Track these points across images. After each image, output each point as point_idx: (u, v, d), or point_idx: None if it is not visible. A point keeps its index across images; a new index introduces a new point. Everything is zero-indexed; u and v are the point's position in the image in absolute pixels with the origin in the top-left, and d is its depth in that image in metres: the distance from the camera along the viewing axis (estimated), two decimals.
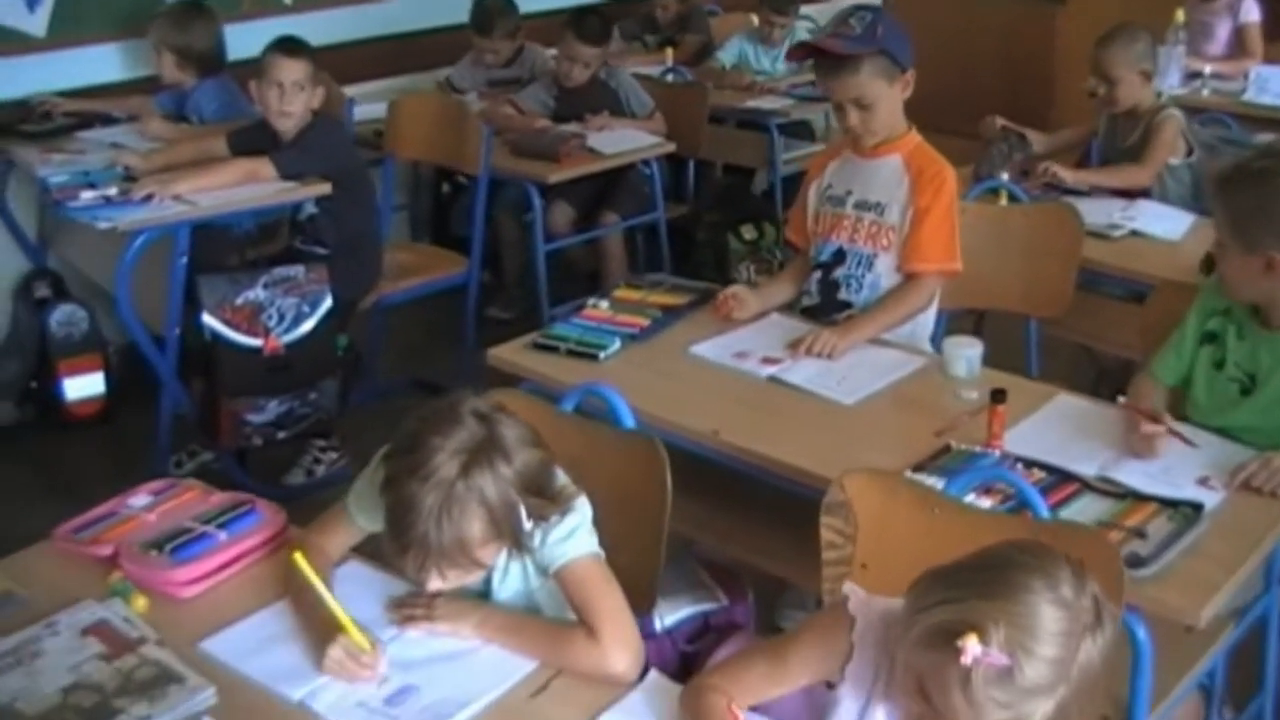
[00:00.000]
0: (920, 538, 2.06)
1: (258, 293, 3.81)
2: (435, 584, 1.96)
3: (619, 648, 1.91)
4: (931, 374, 2.88)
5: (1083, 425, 2.62)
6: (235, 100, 4.60)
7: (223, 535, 2.23)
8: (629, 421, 2.41)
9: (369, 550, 2.22)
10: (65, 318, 4.60)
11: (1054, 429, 2.60)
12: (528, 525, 1.97)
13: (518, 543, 1.97)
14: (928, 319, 3.16)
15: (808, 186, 3.29)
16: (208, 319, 3.76)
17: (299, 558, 1.96)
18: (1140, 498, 2.30)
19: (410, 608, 2.03)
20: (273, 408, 3.89)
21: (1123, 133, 4.29)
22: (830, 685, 1.79)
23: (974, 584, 1.56)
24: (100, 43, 4.97)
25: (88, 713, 1.86)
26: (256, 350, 3.82)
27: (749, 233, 5.32)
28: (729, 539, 2.80)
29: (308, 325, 3.87)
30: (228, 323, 3.78)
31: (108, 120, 4.76)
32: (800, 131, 5.94)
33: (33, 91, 4.80)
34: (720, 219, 5.39)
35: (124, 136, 4.58)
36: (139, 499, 2.40)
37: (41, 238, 4.90)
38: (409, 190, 5.75)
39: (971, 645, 1.47)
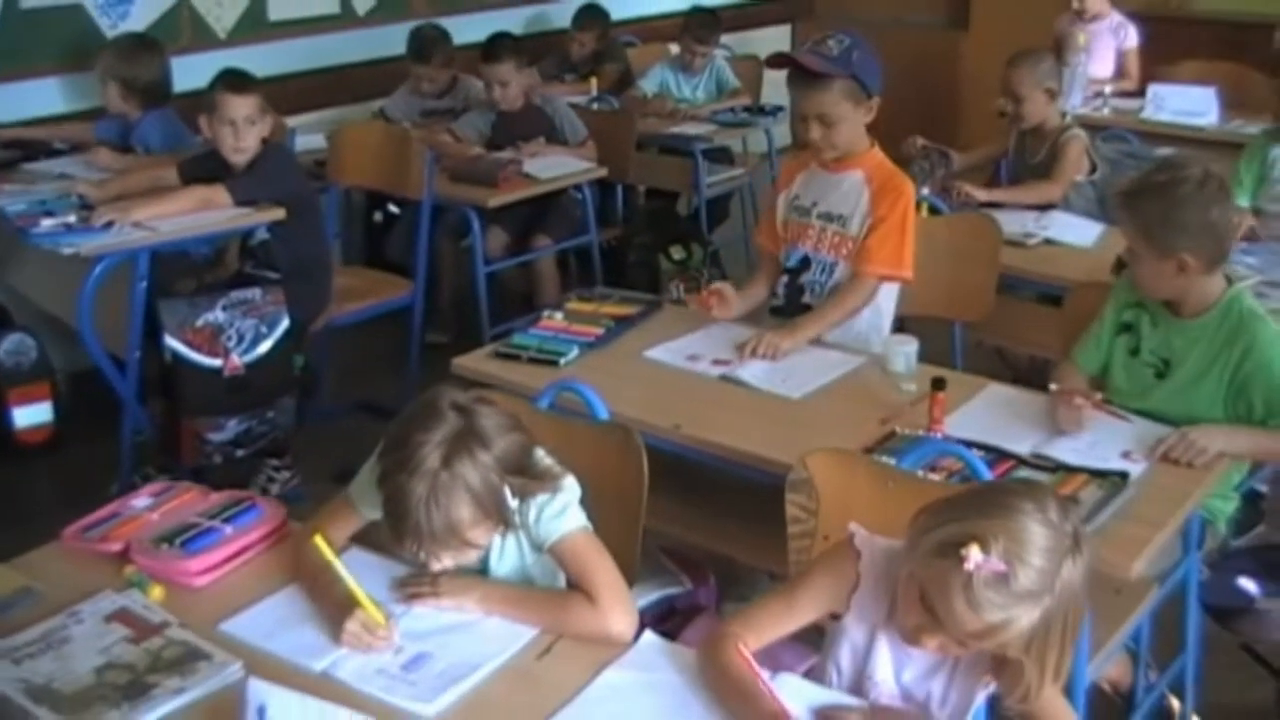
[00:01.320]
0: (877, 510, 2.23)
1: (217, 315, 3.94)
2: (435, 566, 2.13)
3: (617, 611, 2.09)
4: (871, 370, 3.09)
5: (1013, 411, 2.85)
6: (180, 131, 4.73)
7: (228, 529, 2.37)
8: (603, 413, 2.60)
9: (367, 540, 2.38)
10: (14, 346, 4.66)
11: (988, 415, 2.82)
12: (514, 504, 2.14)
13: (506, 521, 2.14)
14: (883, 323, 3.37)
15: (776, 195, 3.52)
16: (169, 340, 3.89)
17: (319, 540, 2.12)
18: (1071, 470, 2.53)
19: (415, 586, 2.19)
20: (232, 426, 4.02)
21: (1031, 150, 4.58)
22: (836, 617, 2.00)
23: (974, 506, 1.81)
24: (43, 76, 5.07)
25: (124, 689, 1.99)
26: (217, 370, 3.95)
27: (678, 253, 5.55)
28: (691, 528, 2.97)
29: (266, 345, 4.01)
30: (189, 344, 3.91)
31: (51, 152, 4.85)
32: (721, 157, 6.19)
33: None
34: (650, 241, 5.61)
35: (71, 167, 4.66)
36: (141, 500, 2.52)
37: None
38: (341, 218, 5.88)
39: (974, 553, 1.70)
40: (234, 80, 4.22)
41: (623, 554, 2.43)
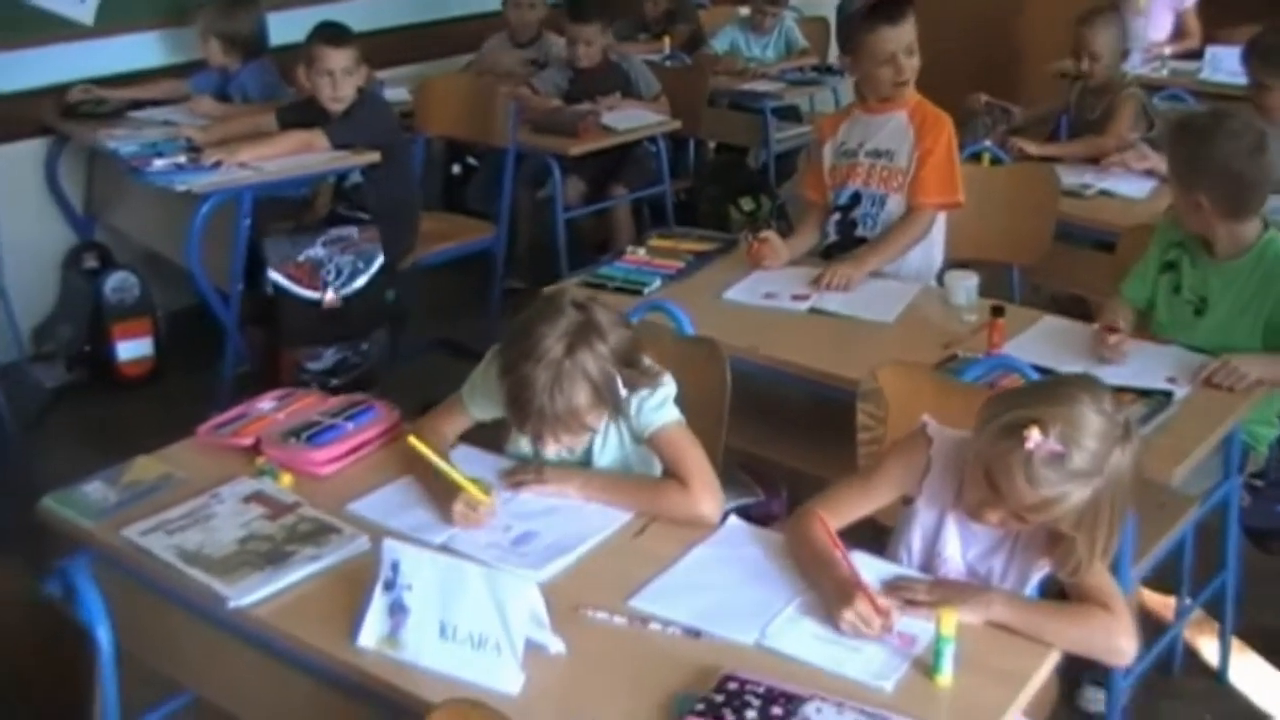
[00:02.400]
0: (940, 419, 2.41)
1: (317, 250, 4.21)
2: (552, 449, 2.37)
3: (707, 495, 2.33)
4: (932, 301, 3.31)
5: (1067, 340, 3.05)
6: (276, 81, 4.99)
7: (349, 425, 2.62)
8: (689, 329, 2.83)
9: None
10: (119, 284, 4.94)
11: (1042, 343, 3.02)
12: (623, 393, 2.37)
13: (617, 407, 2.37)
14: (935, 255, 3.60)
15: (820, 147, 3.73)
16: (272, 274, 4.16)
17: (413, 440, 2.36)
18: (1119, 390, 2.71)
19: (521, 475, 2.43)
20: (329, 355, 4.29)
21: (1090, 106, 4.75)
22: (907, 501, 2.22)
23: (1036, 394, 2.05)
24: (143, 30, 5.33)
25: (265, 555, 2.24)
26: (316, 303, 4.22)
27: (747, 204, 5.77)
28: (763, 444, 3.17)
29: (362, 280, 4.29)
30: (290, 277, 4.18)
31: (155, 102, 5.11)
32: (788, 114, 6.39)
33: (81, 76, 5.13)
34: (720, 192, 5.82)
35: (175, 114, 4.94)
36: (265, 403, 2.78)
37: (89, 212, 5.26)
38: (421, 169, 6.11)
39: (1034, 435, 1.91)
40: (332, 33, 4.47)
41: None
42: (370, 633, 2.00)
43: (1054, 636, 1.97)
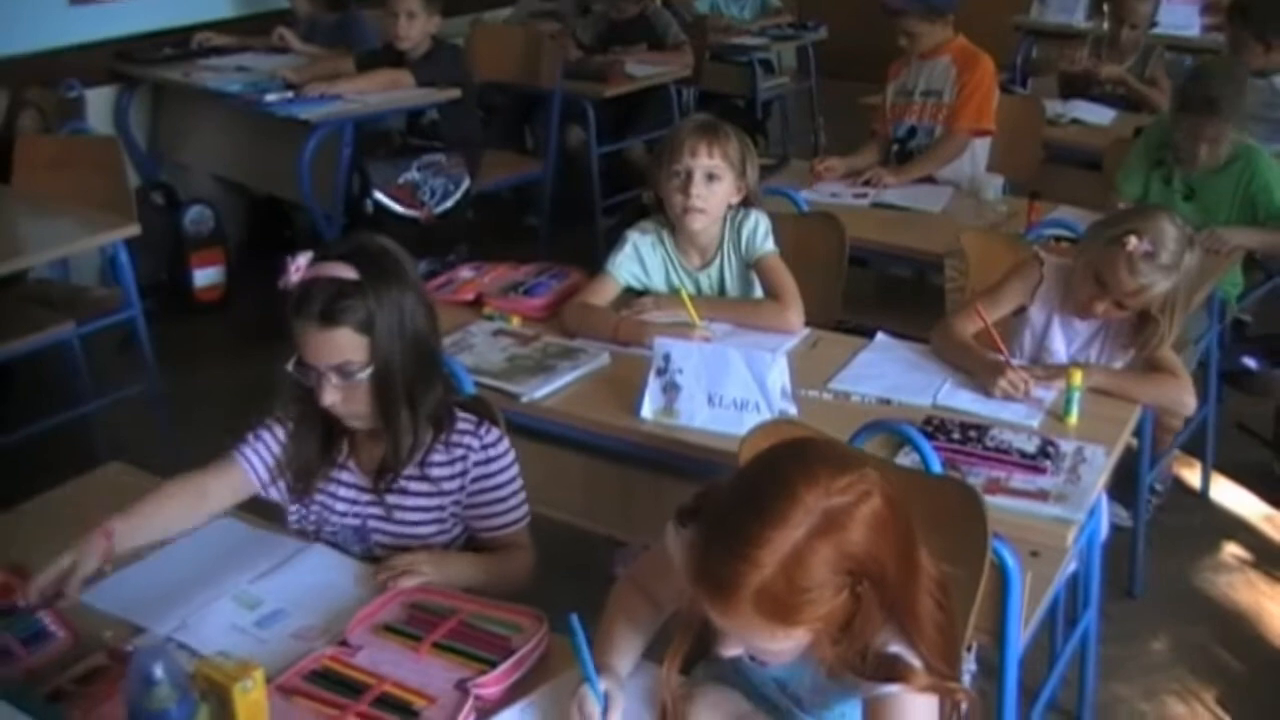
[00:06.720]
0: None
1: (413, 174, 4.84)
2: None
3: (797, 309, 3.05)
4: (968, 197, 4.12)
5: (1082, 219, 3.81)
6: (358, 31, 5.58)
7: (553, 282, 3.30)
8: (804, 205, 3.58)
9: None
10: (197, 216, 5.51)
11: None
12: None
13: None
14: (980, 173, 4.34)
15: (886, 86, 4.54)
16: (377, 194, 4.79)
17: (685, 294, 3.03)
18: None
19: (640, 307, 3.12)
20: (422, 268, 4.91)
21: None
22: (1017, 313, 2.97)
23: (1130, 216, 2.84)
24: None
25: (532, 368, 2.88)
26: (415, 220, 4.85)
27: None
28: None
29: (452, 201, 4.93)
30: (394, 198, 4.81)
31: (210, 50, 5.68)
32: (765, 67, 7.12)
33: (146, 29, 5.70)
34: None
35: (245, 60, 5.49)
36: (464, 272, 3.45)
37: (153, 152, 5.81)
38: None
39: (1133, 239, 2.68)
40: None
41: (827, 313, 3.37)
42: (649, 407, 2.69)
43: (1139, 394, 2.75)
